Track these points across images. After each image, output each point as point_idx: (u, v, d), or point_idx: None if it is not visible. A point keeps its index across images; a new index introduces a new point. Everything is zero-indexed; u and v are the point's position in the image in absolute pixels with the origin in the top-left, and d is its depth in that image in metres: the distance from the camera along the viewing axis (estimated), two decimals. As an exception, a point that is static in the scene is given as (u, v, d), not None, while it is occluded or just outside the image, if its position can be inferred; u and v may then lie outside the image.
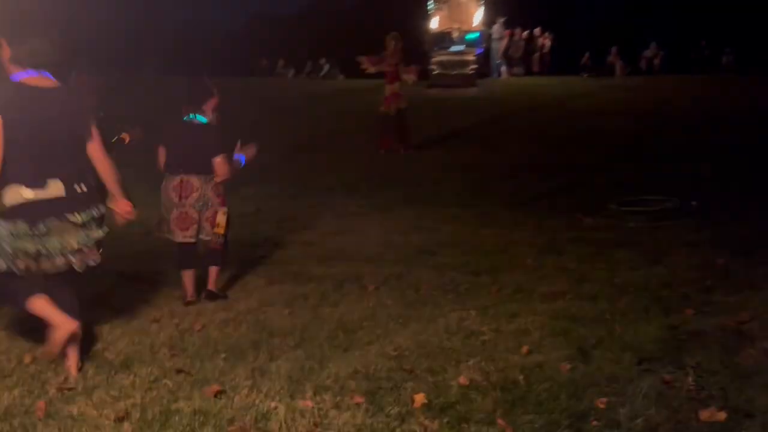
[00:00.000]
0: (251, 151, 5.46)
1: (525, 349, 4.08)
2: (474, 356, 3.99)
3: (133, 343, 4.22)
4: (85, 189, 3.70)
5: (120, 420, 3.17)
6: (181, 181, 5.00)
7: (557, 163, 11.20)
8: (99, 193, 3.90)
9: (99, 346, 4.15)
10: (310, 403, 3.36)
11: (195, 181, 5.02)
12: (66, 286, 3.77)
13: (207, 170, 5.02)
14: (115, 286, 5.55)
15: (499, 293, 5.34)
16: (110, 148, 4.58)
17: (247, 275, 5.90)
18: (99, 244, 3.77)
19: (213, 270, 5.23)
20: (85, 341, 4.19)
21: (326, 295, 5.33)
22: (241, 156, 5.38)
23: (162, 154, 5.15)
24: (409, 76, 12.29)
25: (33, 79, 3.64)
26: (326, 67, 23.42)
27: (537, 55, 23.55)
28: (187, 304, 5.10)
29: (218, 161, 5.01)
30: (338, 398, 3.42)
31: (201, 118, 5.09)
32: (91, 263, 3.74)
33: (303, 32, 23.39)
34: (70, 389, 3.51)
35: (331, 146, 13.18)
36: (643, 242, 6.71)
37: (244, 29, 21.56)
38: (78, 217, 3.63)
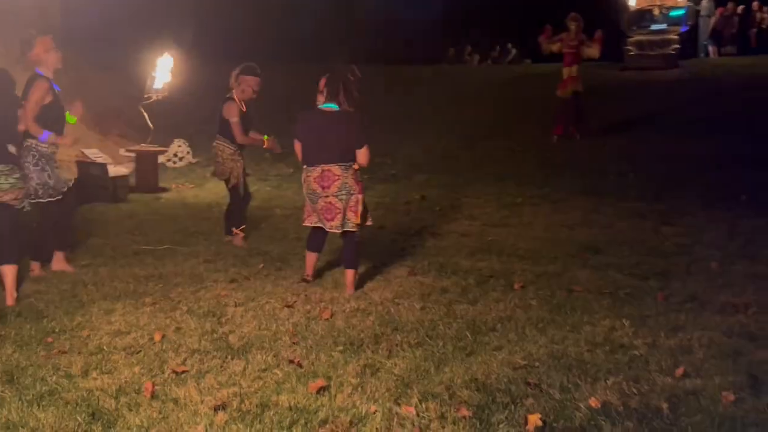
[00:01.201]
0: None
1: (680, 370, 3.47)
2: (615, 374, 3.46)
3: (259, 328, 4.19)
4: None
5: (217, 409, 3.11)
6: (323, 171, 4.91)
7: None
8: None
9: (226, 328, 4.17)
10: (412, 411, 3.08)
11: (336, 169, 4.89)
12: None
13: (346, 158, 4.90)
14: (264, 266, 5.63)
15: (665, 301, 4.67)
16: None
17: (391, 264, 5.71)
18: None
19: (349, 273, 5.04)
20: (219, 323, 4.27)
21: (467, 290, 4.99)
22: None
23: (299, 146, 5.05)
24: (594, 50, 11.46)
25: None
26: (513, 52, 22.66)
27: (754, 30, 20.87)
28: (303, 280, 5.13)
29: (364, 151, 4.93)
30: (444, 408, 3.10)
31: (334, 106, 4.94)
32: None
33: (493, 16, 22.83)
34: (184, 371, 3.53)
35: (509, 133, 12.63)
36: None
37: (435, 18, 21.51)
38: None
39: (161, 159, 11.57)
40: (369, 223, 5.17)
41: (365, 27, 22.41)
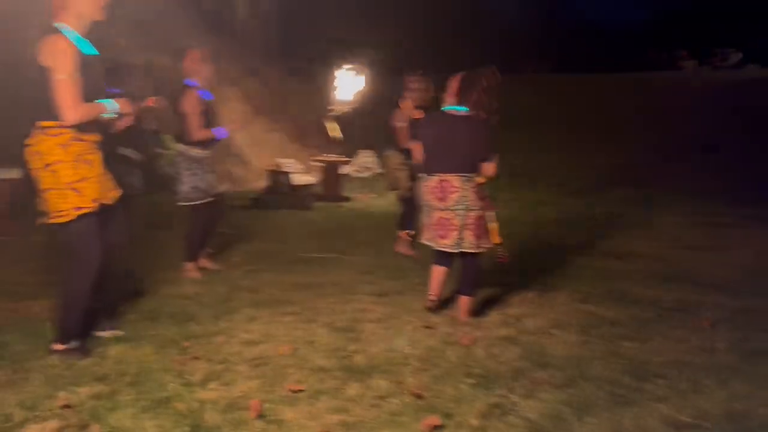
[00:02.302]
0: None
1: None
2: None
3: (389, 349, 3.89)
4: None
5: (319, 436, 2.86)
6: (440, 181, 4.43)
7: None
8: None
9: (357, 346, 3.92)
10: (534, 469, 2.58)
11: (455, 180, 4.38)
12: None
13: (469, 169, 4.35)
14: (420, 282, 5.32)
15: None
16: None
17: (557, 288, 5.12)
18: None
19: (463, 301, 4.47)
20: (351, 339, 4.04)
21: (642, 324, 4.29)
22: None
23: (418, 150, 4.60)
24: None
25: None
26: (735, 57, 20.26)
27: None
28: (430, 302, 4.57)
29: (490, 163, 4.34)
30: (574, 470, 2.56)
31: (463, 109, 4.44)
32: None
33: (713, 15, 20.63)
34: (300, 390, 3.33)
35: (726, 145, 11.19)
36: None
37: (644, 22, 19.95)
38: None
39: (349, 169, 11.83)
40: (490, 245, 4.41)
41: (561, 33, 21.40)
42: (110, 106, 3.67)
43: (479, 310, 4.58)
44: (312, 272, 5.64)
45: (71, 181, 3.55)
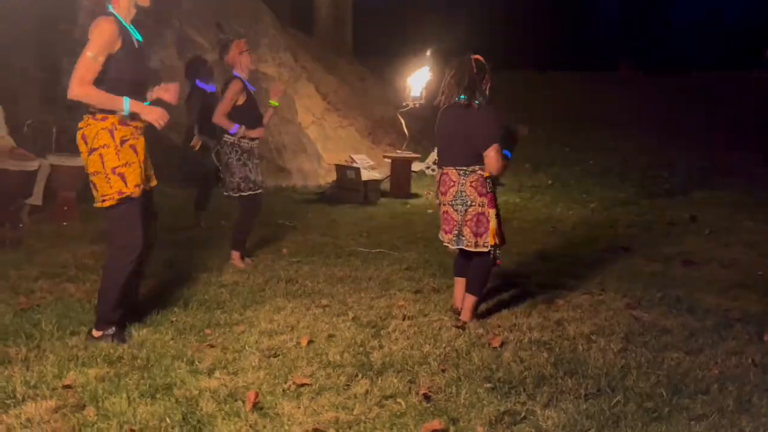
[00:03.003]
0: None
1: None
2: None
3: (411, 347, 3.67)
4: None
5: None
6: (441, 175, 4.16)
7: None
8: None
9: (377, 342, 3.73)
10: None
11: (453, 174, 4.08)
12: None
13: (466, 161, 4.02)
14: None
15: None
16: None
17: (611, 292, 4.77)
18: None
19: (468, 300, 4.16)
20: (374, 335, 3.86)
21: (694, 335, 3.90)
22: (505, 150, 4.31)
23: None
24: None
25: None
26: None
27: None
28: (455, 312, 4.27)
29: (489, 153, 3.94)
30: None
31: (461, 98, 4.07)
32: None
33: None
34: (305, 384, 3.18)
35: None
36: None
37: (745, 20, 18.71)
38: None
39: (420, 166, 11.62)
40: (492, 244, 4.02)
41: (669, 30, 20.36)
42: (125, 106, 3.51)
43: (526, 311, 4.31)
44: (354, 266, 5.49)
45: (115, 165, 3.55)
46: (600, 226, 7.67)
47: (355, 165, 9.77)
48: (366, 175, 9.63)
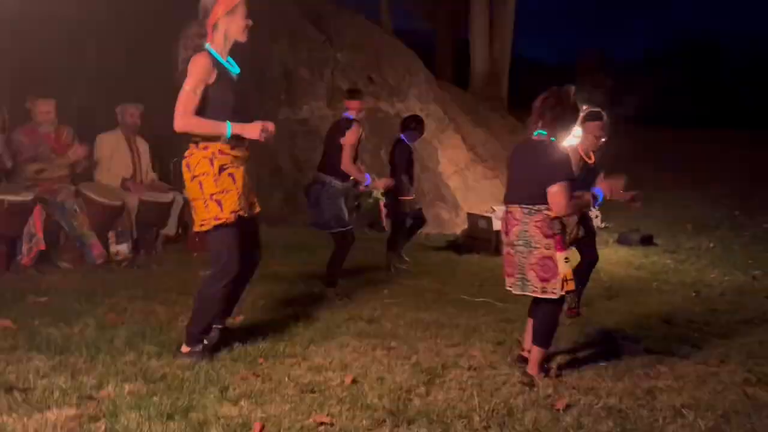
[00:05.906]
0: (619, 184, 4.01)
1: None
2: None
3: (460, 399, 3.29)
4: None
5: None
6: (506, 213, 3.78)
7: None
8: None
9: (424, 390, 3.39)
10: None
11: (517, 212, 3.68)
12: None
13: (532, 200, 3.62)
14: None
15: None
16: None
17: (726, 363, 4.06)
18: None
19: (534, 351, 3.73)
20: (425, 382, 3.54)
21: None
22: (598, 190, 3.87)
23: None
24: None
25: None
26: None
27: None
28: (519, 360, 3.87)
29: (553, 191, 3.55)
30: None
31: (543, 133, 3.71)
32: None
33: None
34: (324, 424, 2.93)
35: None
36: None
37: None
38: None
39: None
40: (563, 291, 3.62)
41: None
42: (228, 129, 3.60)
43: (616, 375, 3.78)
44: (446, 313, 5.18)
45: (213, 192, 3.65)
46: (755, 295, 6.71)
47: (487, 214, 9.43)
48: (498, 225, 9.24)
